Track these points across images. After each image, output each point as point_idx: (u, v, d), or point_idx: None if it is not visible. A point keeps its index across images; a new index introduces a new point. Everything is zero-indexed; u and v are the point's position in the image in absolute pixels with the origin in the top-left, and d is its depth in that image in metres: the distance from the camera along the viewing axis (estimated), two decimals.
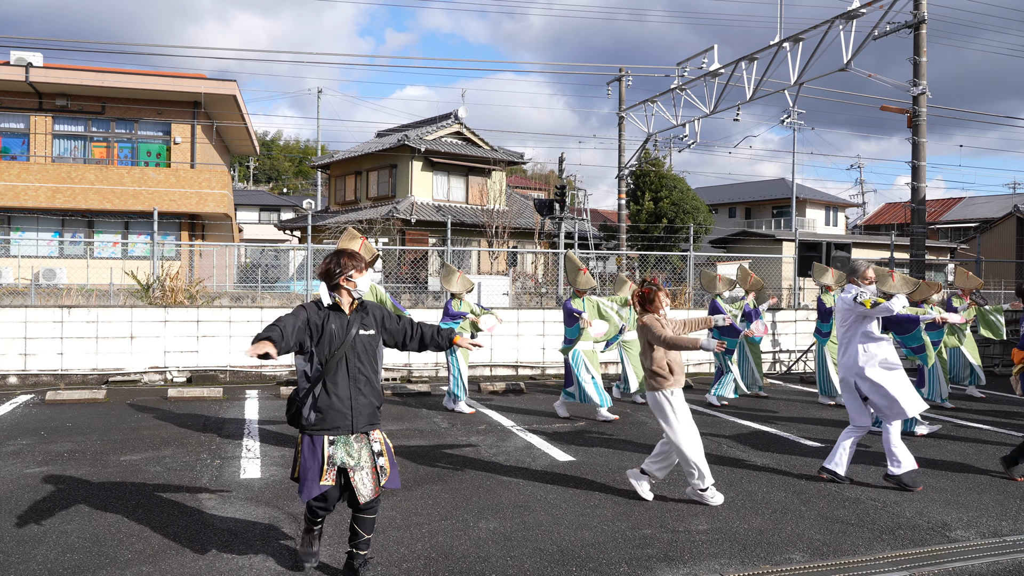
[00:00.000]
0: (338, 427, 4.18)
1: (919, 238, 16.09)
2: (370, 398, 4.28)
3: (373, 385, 4.32)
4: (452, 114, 31.42)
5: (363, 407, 4.24)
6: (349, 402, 4.20)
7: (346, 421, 4.19)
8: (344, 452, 4.17)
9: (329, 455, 4.15)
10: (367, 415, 4.26)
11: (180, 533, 4.95)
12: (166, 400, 10.06)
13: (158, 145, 24.92)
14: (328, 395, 4.17)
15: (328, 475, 4.14)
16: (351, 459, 4.17)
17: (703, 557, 4.69)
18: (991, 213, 42.46)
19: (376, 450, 4.26)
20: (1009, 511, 5.72)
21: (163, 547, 4.71)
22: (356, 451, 4.20)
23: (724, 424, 9.04)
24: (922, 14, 15.08)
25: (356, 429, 4.21)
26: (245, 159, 64.35)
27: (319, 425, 4.18)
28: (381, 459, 4.25)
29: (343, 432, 4.19)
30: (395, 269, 19.41)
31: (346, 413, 4.19)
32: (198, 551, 4.65)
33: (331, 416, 4.17)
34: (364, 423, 4.25)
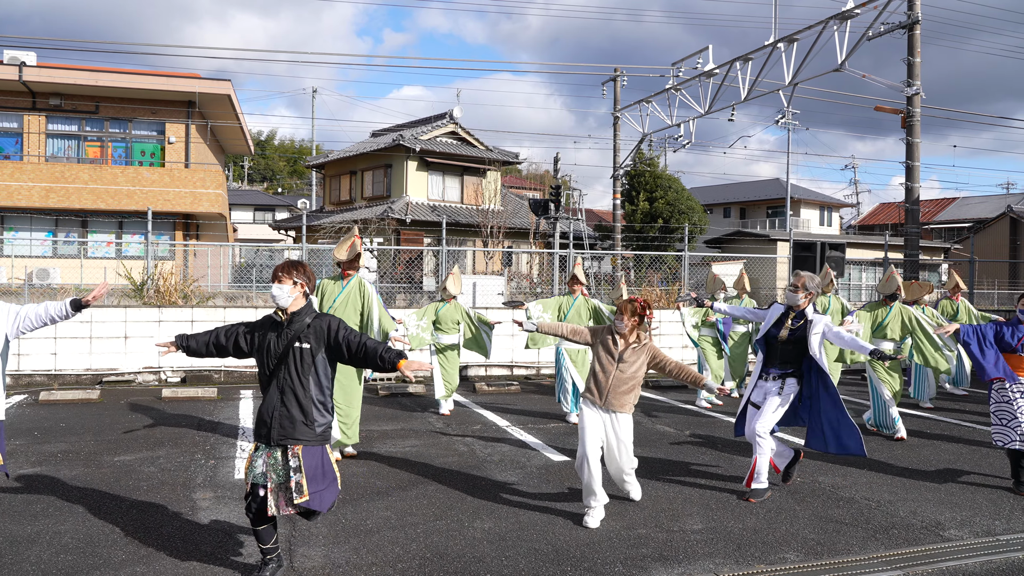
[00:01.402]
0: (260, 435, 4.23)
1: (913, 238, 16.14)
2: (293, 411, 4.17)
3: (300, 399, 4.20)
4: (447, 114, 31.40)
5: (284, 419, 4.17)
6: (272, 412, 4.19)
7: (264, 431, 4.20)
8: (261, 461, 4.18)
9: (251, 459, 4.22)
10: (289, 429, 4.16)
11: (174, 534, 4.94)
12: (160, 400, 10.03)
13: (152, 145, 24.85)
14: (262, 404, 4.26)
15: (248, 477, 4.17)
16: (267, 470, 4.14)
17: (698, 557, 4.70)
18: (985, 213, 42.61)
19: (292, 466, 4.13)
20: (1002, 510, 5.74)
21: (157, 548, 4.69)
22: (271, 464, 4.15)
23: (718, 425, 9.05)
24: (916, 15, 15.13)
25: (274, 441, 4.16)
26: (240, 159, 64.19)
27: (254, 431, 4.31)
28: (296, 475, 4.11)
29: (262, 440, 4.21)
30: (390, 269, 19.39)
31: (267, 422, 4.19)
32: (192, 552, 4.64)
33: (258, 424, 4.26)
34: (284, 436, 4.16)
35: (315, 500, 4.12)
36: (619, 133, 26.90)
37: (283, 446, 4.16)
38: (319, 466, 4.20)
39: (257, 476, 4.14)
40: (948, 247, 36.13)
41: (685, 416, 9.55)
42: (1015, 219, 34.19)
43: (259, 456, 4.19)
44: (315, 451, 4.21)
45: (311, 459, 4.17)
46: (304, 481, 4.10)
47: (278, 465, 4.15)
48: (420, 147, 28.39)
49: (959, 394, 11.57)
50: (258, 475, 4.14)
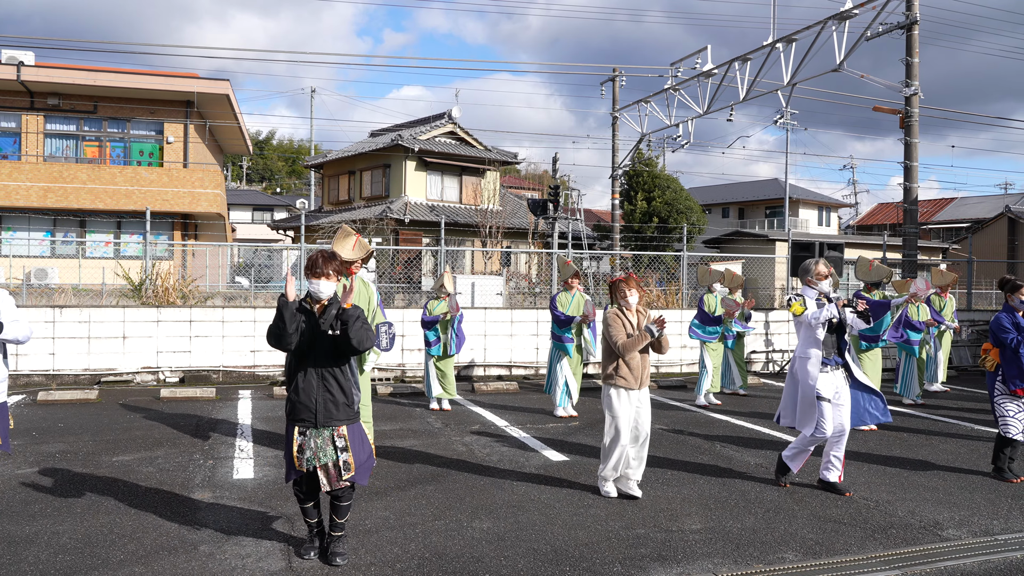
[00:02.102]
0: (304, 419, 4.46)
1: (911, 238, 16.15)
2: (336, 395, 4.49)
3: (341, 383, 4.52)
4: (446, 114, 31.39)
5: (328, 403, 4.46)
6: (315, 397, 4.45)
7: (310, 415, 4.45)
8: (313, 446, 4.43)
9: (299, 444, 4.44)
10: (333, 411, 4.47)
11: (172, 534, 4.94)
12: (159, 400, 10.02)
13: (151, 144, 24.83)
14: (299, 389, 4.47)
15: (298, 461, 4.43)
16: (317, 451, 4.43)
17: (696, 557, 4.70)
18: (983, 213, 42.67)
19: (340, 445, 4.46)
20: (1000, 510, 5.74)
21: (155, 548, 4.69)
22: (320, 445, 4.43)
23: (717, 423, 9.06)
24: (914, 15, 15.14)
25: (320, 423, 4.44)
26: (238, 159, 64.15)
27: (291, 416, 4.50)
28: (344, 454, 4.45)
29: (310, 425, 4.46)
30: (389, 269, 19.37)
31: (311, 407, 4.45)
32: (190, 552, 4.64)
33: (298, 408, 4.47)
34: (328, 418, 4.46)
35: (359, 474, 4.51)
36: (618, 133, 26.91)
37: (329, 428, 4.46)
38: (361, 442, 4.57)
39: (309, 460, 4.41)
40: (946, 247, 36.16)
41: (683, 415, 9.55)
42: (1013, 219, 34.22)
43: (309, 441, 4.43)
44: (356, 428, 4.59)
45: (354, 437, 4.54)
46: (351, 459, 4.47)
47: (326, 446, 4.44)
48: (419, 147, 28.38)
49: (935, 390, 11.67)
50: (309, 458, 4.41)
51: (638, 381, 5.85)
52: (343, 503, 4.56)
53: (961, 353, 15.02)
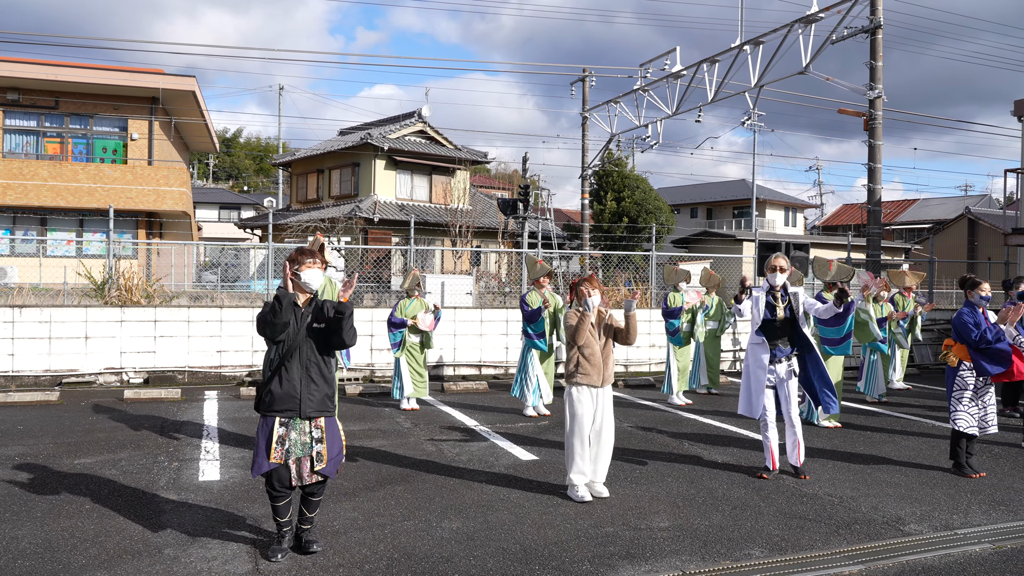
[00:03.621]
0: (288, 410, 4.51)
1: (875, 239, 16.40)
2: (321, 386, 4.59)
3: (324, 374, 4.63)
4: (416, 113, 31.26)
5: (313, 393, 4.56)
6: (299, 388, 4.52)
7: (295, 404, 4.51)
8: (294, 435, 4.52)
9: (279, 435, 4.50)
10: (317, 401, 4.57)
11: (136, 537, 4.86)
12: (122, 402, 9.86)
13: (114, 141, 24.42)
14: (281, 381, 4.52)
15: (276, 453, 4.48)
16: (298, 442, 4.51)
17: (664, 554, 4.73)
18: (944, 214, 43.51)
19: (316, 436, 4.57)
20: (960, 505, 5.86)
21: (118, 552, 4.61)
22: (302, 436, 4.53)
23: (686, 422, 9.13)
24: (878, 20, 15.38)
25: (304, 414, 4.53)
26: (205, 156, 63.34)
27: (271, 407, 4.52)
28: (318, 445, 4.56)
29: (293, 415, 4.52)
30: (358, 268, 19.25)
31: (295, 397, 4.51)
32: (155, 555, 4.57)
33: (282, 399, 4.51)
34: (312, 409, 4.55)
35: (330, 467, 4.59)
36: (588, 133, 26.98)
37: (309, 419, 4.55)
38: (334, 436, 4.66)
39: (290, 450, 4.50)
40: (909, 247, 36.81)
41: (652, 414, 9.61)
42: (973, 220, 34.93)
43: (292, 432, 4.52)
44: (332, 422, 4.69)
45: (331, 429, 4.64)
46: (324, 451, 4.57)
47: (305, 437, 4.54)
48: (388, 146, 28.24)
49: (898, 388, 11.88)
50: (289, 449, 4.50)
51: (600, 377, 5.86)
52: (315, 498, 4.63)
53: (923, 351, 15.29)
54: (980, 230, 34.35)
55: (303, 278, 4.60)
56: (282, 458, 4.48)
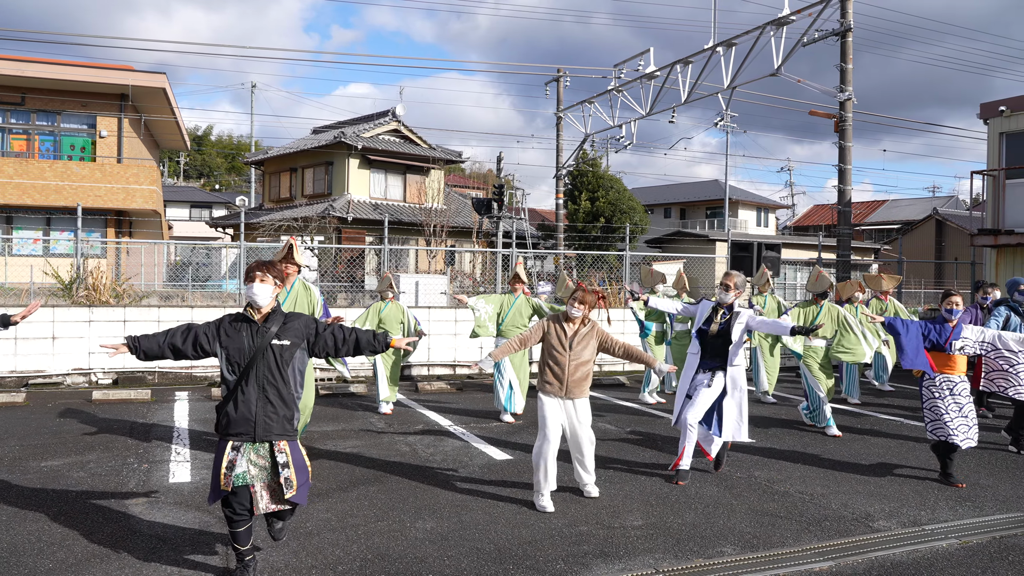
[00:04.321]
0: (241, 434, 4.22)
1: (845, 239, 16.61)
2: (278, 407, 4.26)
3: (283, 395, 4.30)
4: (390, 111, 31.12)
5: (269, 416, 4.23)
6: (254, 411, 4.21)
7: (249, 428, 4.21)
8: (247, 460, 4.19)
9: (229, 460, 4.17)
10: (275, 425, 4.25)
11: (105, 540, 4.79)
12: (90, 403, 9.71)
13: (82, 138, 24.03)
14: (236, 403, 4.23)
15: (226, 481, 4.13)
16: (252, 467, 4.19)
17: (638, 552, 4.76)
18: (912, 215, 44.13)
19: (281, 461, 4.23)
20: (928, 501, 5.95)
21: (87, 555, 4.54)
22: (257, 461, 4.21)
23: (658, 422, 9.18)
24: (848, 23, 15.57)
25: (258, 438, 4.22)
26: (175, 154, 62.59)
27: (225, 430, 4.25)
28: (286, 471, 4.22)
29: (247, 439, 4.22)
30: (331, 268, 19.14)
31: (250, 420, 4.21)
32: (124, 559, 4.51)
33: (236, 422, 4.22)
34: (269, 432, 4.23)
35: (300, 494, 4.27)
36: (562, 133, 27.04)
37: (268, 442, 4.24)
38: (301, 460, 4.35)
39: (240, 476, 4.15)
40: (878, 248, 37.33)
41: (626, 415, 9.65)
42: (940, 221, 35.50)
43: (242, 455, 4.19)
44: (295, 444, 4.35)
45: (296, 453, 4.31)
46: (293, 476, 4.22)
47: (265, 462, 4.22)
48: (362, 145, 28.10)
49: (886, 390, 11.97)
50: (240, 475, 4.15)
51: (563, 389, 5.67)
52: (280, 522, 4.48)
53: None
54: (947, 231, 34.92)
55: (252, 292, 4.30)
56: (230, 485, 4.11)
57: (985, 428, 8.71)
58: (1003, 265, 15.73)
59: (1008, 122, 16.06)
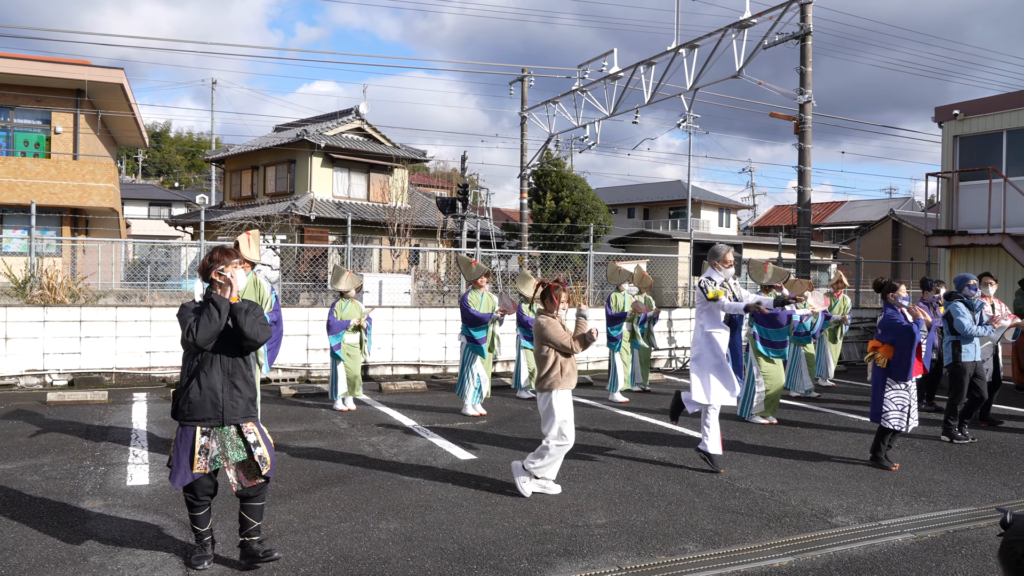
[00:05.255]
0: (209, 418, 4.31)
1: (805, 239, 16.88)
2: (243, 390, 4.41)
3: (247, 378, 4.45)
4: (354, 110, 30.89)
5: (236, 399, 4.36)
6: (220, 395, 4.32)
7: (217, 412, 4.31)
8: (217, 443, 4.31)
9: (201, 444, 4.29)
10: (241, 408, 4.38)
11: (60, 544, 4.69)
12: (45, 405, 9.49)
13: (36, 134, 23.47)
14: (200, 388, 4.31)
15: (199, 463, 4.27)
16: (224, 450, 4.31)
17: (601, 550, 4.78)
18: (870, 216, 45.00)
19: (252, 440, 4.37)
20: (884, 497, 6.07)
21: (41, 560, 4.44)
22: (230, 443, 4.33)
23: (623, 419, 9.24)
24: (808, 26, 15.82)
25: (227, 421, 4.33)
26: (134, 151, 61.45)
27: (191, 416, 4.31)
28: (259, 449, 4.37)
29: (215, 423, 4.32)
30: (294, 267, 18.92)
31: (218, 404, 4.31)
32: (80, 563, 4.41)
33: (203, 407, 4.30)
34: (236, 415, 4.36)
35: (271, 469, 4.42)
36: (527, 133, 27.09)
37: (235, 424, 4.35)
38: (266, 436, 4.50)
39: (215, 459, 4.28)
40: (837, 248, 37.97)
41: (590, 411, 9.70)
42: (897, 222, 36.24)
43: (212, 439, 4.30)
44: (259, 424, 4.50)
45: (262, 432, 4.47)
46: (266, 453, 4.38)
47: (235, 443, 4.33)
48: (325, 143, 27.86)
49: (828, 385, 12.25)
50: (215, 458, 4.28)
51: (575, 379, 5.99)
52: (257, 503, 4.44)
53: (849, 349, 15.81)
54: (904, 231, 35.67)
55: (231, 278, 4.38)
56: (206, 468, 4.26)
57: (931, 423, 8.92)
58: (957, 265, 16.11)
59: (961, 126, 16.45)
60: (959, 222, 16.16)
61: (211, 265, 4.40)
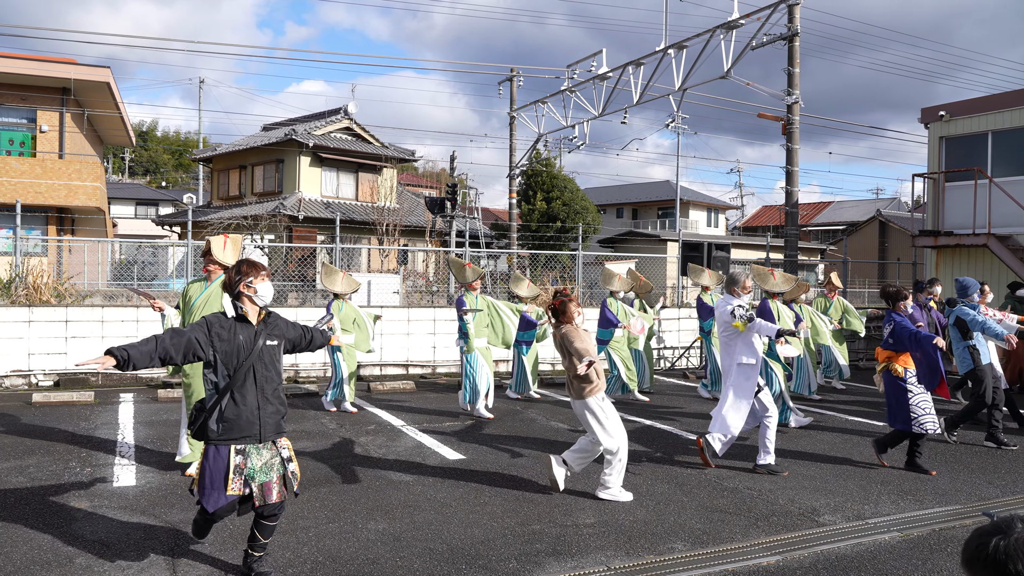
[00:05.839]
0: (247, 436, 4.19)
1: (792, 239, 16.95)
2: (277, 406, 4.32)
3: (279, 394, 4.37)
4: (342, 109, 30.80)
5: (270, 416, 4.27)
6: (257, 412, 4.22)
7: (254, 430, 4.21)
8: (254, 461, 4.19)
9: (236, 464, 4.14)
10: (274, 424, 4.29)
11: (46, 546, 4.65)
12: (31, 406, 9.42)
13: (22, 133, 23.28)
14: (236, 405, 4.17)
15: (234, 484, 4.12)
16: (262, 468, 4.19)
17: (590, 550, 4.79)
18: (857, 216, 45.24)
19: (286, 456, 4.32)
20: (871, 495, 6.11)
21: (26, 563, 4.41)
22: (266, 459, 4.22)
23: None
24: (796, 28, 15.89)
25: (264, 438, 4.24)
26: (120, 150, 61.06)
27: (226, 435, 4.16)
28: (291, 464, 4.32)
29: (252, 441, 4.20)
30: (282, 267, 18.85)
31: (254, 422, 4.21)
32: (66, 566, 4.39)
33: (239, 426, 4.17)
34: (272, 431, 4.28)
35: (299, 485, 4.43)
36: (515, 133, 27.08)
37: (273, 441, 4.30)
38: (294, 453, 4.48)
39: (250, 478, 4.15)
40: (824, 248, 38.18)
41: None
42: (883, 223, 36.45)
43: (248, 458, 4.18)
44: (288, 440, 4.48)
45: (292, 447, 4.45)
46: (297, 470, 4.37)
47: (273, 459, 4.26)
48: (313, 142, 27.77)
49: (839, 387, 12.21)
50: (251, 476, 4.16)
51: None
52: (271, 522, 4.29)
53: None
54: (890, 232, 35.88)
55: (260, 292, 4.29)
56: (241, 489, 4.11)
57: None
58: (943, 265, 16.23)
59: (948, 127, 16.56)
60: (945, 222, 16.27)
61: (238, 279, 4.28)
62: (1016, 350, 8.96)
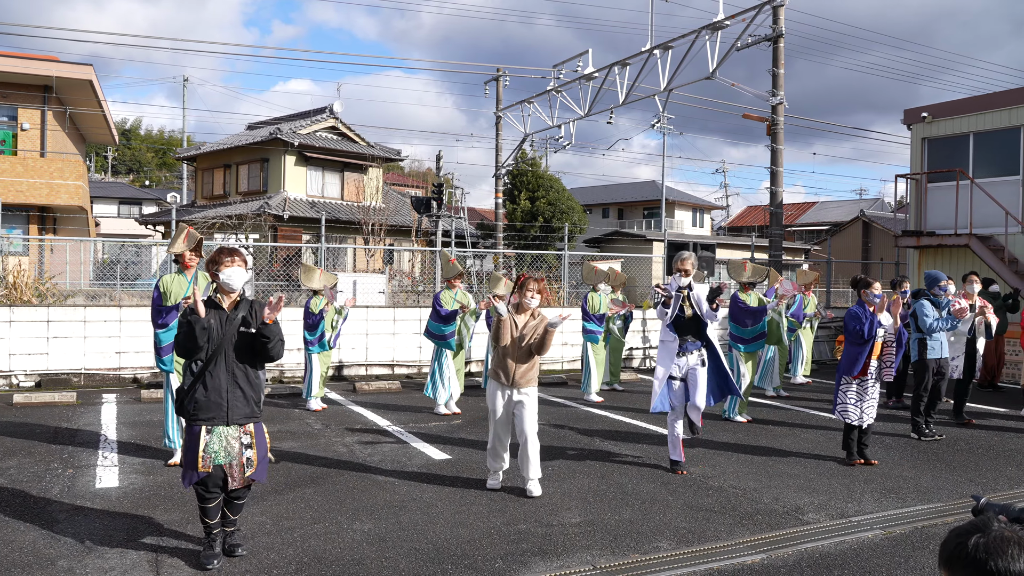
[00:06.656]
0: (213, 418, 4.39)
1: (777, 239, 17.05)
2: (247, 392, 4.47)
3: (251, 380, 4.51)
4: (328, 108, 30.68)
5: (238, 399, 4.43)
6: (225, 395, 4.40)
7: (221, 411, 4.39)
8: (219, 442, 4.38)
9: (205, 443, 4.36)
10: (243, 408, 4.45)
11: (27, 548, 4.61)
12: (11, 407, 9.33)
13: (3, 131, 23.04)
14: (205, 388, 4.39)
15: (203, 462, 4.34)
16: (224, 449, 4.39)
17: (576, 549, 4.79)
18: (841, 217, 45.53)
19: (245, 443, 4.46)
20: (855, 493, 6.15)
21: (7, 565, 4.36)
22: (227, 442, 4.39)
23: (597, 418, 9.28)
24: (780, 29, 15.98)
25: (232, 421, 4.42)
26: (103, 149, 60.54)
27: (196, 415, 4.39)
28: (248, 451, 4.46)
29: (219, 423, 4.39)
30: (267, 267, 18.76)
31: (222, 404, 4.39)
32: (47, 567, 4.34)
33: (207, 407, 4.38)
34: (240, 416, 4.44)
35: (260, 472, 4.54)
36: (502, 133, 27.09)
37: (239, 425, 4.44)
38: (263, 441, 4.59)
39: (215, 455, 4.35)
40: (808, 248, 38.39)
41: (564, 410, 9.72)
42: (867, 223, 36.72)
43: (215, 438, 4.38)
44: (259, 426, 4.59)
45: (260, 435, 4.56)
46: (255, 456, 4.49)
47: (233, 442, 4.41)
48: (299, 141, 27.65)
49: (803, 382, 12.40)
50: (219, 455, 4.36)
51: (509, 380, 6.00)
52: (240, 501, 4.58)
53: (821, 347, 15.99)
54: (874, 232, 36.14)
55: (222, 278, 4.47)
56: (209, 466, 4.35)
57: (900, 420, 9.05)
58: (925, 265, 16.36)
59: (930, 128, 16.71)
60: (927, 223, 16.41)
61: (211, 266, 4.53)
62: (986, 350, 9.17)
